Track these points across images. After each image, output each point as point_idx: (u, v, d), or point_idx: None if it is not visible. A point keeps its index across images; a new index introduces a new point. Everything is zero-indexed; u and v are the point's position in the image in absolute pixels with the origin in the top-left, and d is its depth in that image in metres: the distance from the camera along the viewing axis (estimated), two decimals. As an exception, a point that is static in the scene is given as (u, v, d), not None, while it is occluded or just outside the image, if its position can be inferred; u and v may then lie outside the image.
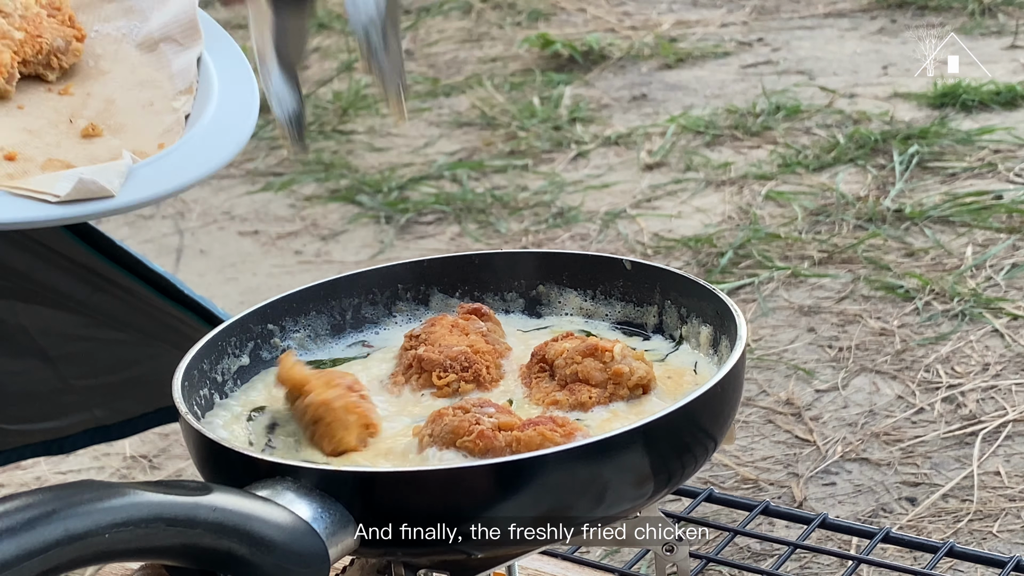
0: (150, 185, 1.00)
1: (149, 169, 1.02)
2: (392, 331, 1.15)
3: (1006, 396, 2.26)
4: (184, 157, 1.05)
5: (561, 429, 0.94)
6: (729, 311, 1.03)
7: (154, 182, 1.00)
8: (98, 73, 1.13)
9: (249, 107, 1.12)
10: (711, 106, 3.64)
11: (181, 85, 1.12)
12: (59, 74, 1.11)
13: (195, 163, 1.04)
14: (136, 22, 1.16)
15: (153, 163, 1.03)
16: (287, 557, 0.83)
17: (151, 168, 1.02)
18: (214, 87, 1.11)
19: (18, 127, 1.06)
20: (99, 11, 1.17)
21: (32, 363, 1.61)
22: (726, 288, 2.63)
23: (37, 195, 0.95)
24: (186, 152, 1.05)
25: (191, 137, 1.06)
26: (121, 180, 0.98)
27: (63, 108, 1.09)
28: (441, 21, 4.55)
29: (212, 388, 1.06)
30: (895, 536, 1.30)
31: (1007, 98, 3.42)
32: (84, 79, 1.12)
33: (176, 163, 1.04)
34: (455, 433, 0.94)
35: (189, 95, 1.11)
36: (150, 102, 1.11)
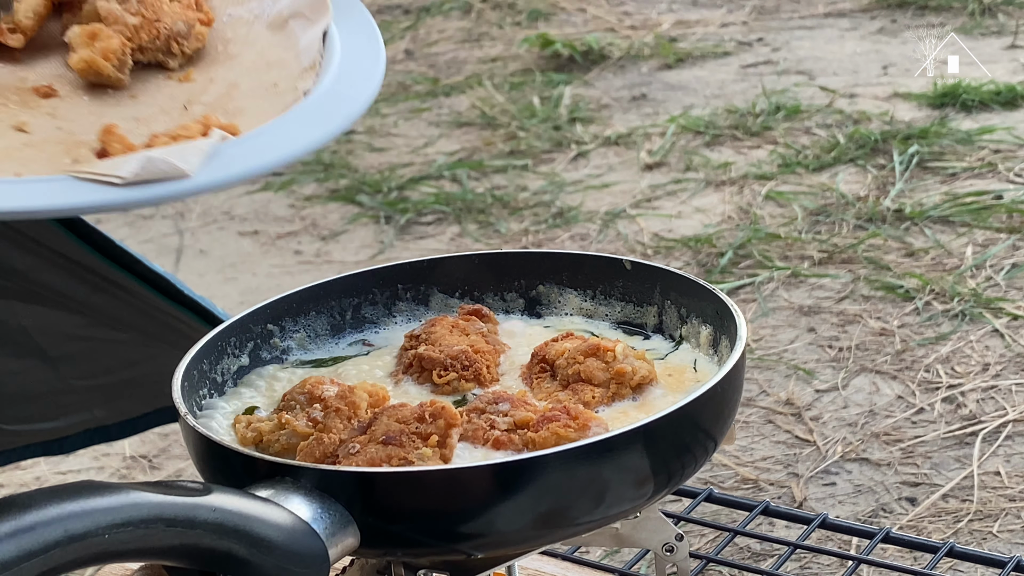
0: (235, 164, 0.92)
1: (238, 148, 0.94)
2: (392, 331, 1.15)
3: (1006, 396, 2.26)
4: (278, 135, 0.97)
5: (575, 422, 0.94)
6: (729, 311, 1.03)
7: (240, 161, 0.93)
8: (226, 58, 1.07)
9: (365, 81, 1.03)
10: (711, 106, 3.64)
11: (306, 62, 1.05)
12: (182, 60, 1.04)
13: (288, 141, 0.96)
14: (268, 1, 1.11)
15: (243, 141, 0.95)
16: (287, 557, 0.83)
17: (240, 147, 0.94)
18: (334, 62, 1.04)
19: (126, 115, 1.01)
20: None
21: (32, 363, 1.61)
22: (726, 288, 2.63)
23: (101, 178, 0.88)
24: (281, 129, 0.97)
25: (291, 114, 0.99)
26: (200, 159, 0.90)
27: (179, 94, 1.03)
28: (441, 21, 4.55)
29: (212, 388, 1.06)
30: (895, 536, 1.29)
31: (1007, 98, 3.42)
32: (210, 64, 1.05)
33: (268, 141, 0.96)
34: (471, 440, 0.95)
35: (312, 71, 1.04)
36: (274, 83, 1.05)
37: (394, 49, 4.34)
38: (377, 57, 1.06)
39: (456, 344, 1.06)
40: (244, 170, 0.92)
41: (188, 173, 0.89)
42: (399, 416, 0.94)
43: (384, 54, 1.06)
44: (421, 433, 0.92)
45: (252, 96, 1.02)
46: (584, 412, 0.95)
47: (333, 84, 1.00)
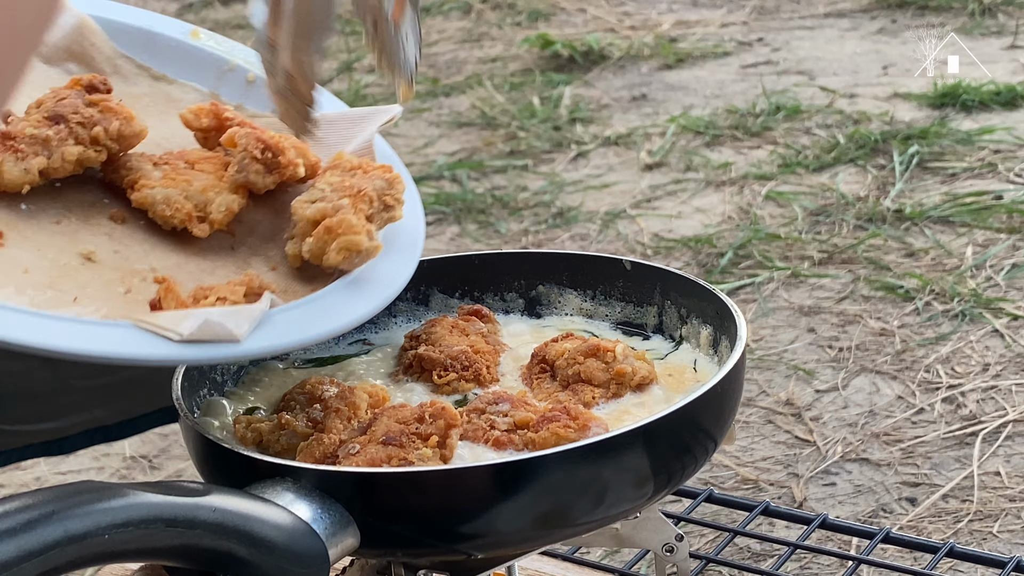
0: (279, 334, 0.95)
1: (284, 315, 0.96)
2: (392, 331, 1.15)
3: (1006, 396, 2.26)
4: (325, 306, 0.99)
5: (575, 423, 0.94)
6: (729, 311, 1.03)
7: (284, 331, 0.95)
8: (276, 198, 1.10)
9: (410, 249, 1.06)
10: (711, 106, 3.64)
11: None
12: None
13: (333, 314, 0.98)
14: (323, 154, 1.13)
15: (290, 309, 0.97)
16: (287, 558, 0.83)
17: (287, 314, 0.97)
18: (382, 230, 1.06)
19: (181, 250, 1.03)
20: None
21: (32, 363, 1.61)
22: (726, 288, 2.63)
23: (161, 331, 0.91)
24: (328, 301, 0.99)
25: (338, 286, 1.01)
26: (251, 325, 0.93)
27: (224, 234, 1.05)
28: (441, 21, 4.55)
29: (212, 388, 1.06)
30: (895, 536, 1.29)
31: (1007, 98, 3.42)
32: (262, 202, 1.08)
33: (314, 312, 0.98)
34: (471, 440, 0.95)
35: None
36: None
37: (394, 49, 4.34)
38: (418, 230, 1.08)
39: (456, 344, 1.06)
40: (290, 341, 0.95)
41: (239, 338, 0.92)
42: (399, 416, 0.94)
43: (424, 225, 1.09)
44: (421, 433, 0.92)
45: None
46: (584, 412, 0.95)
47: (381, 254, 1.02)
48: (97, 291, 0.96)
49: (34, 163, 1.00)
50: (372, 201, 1.01)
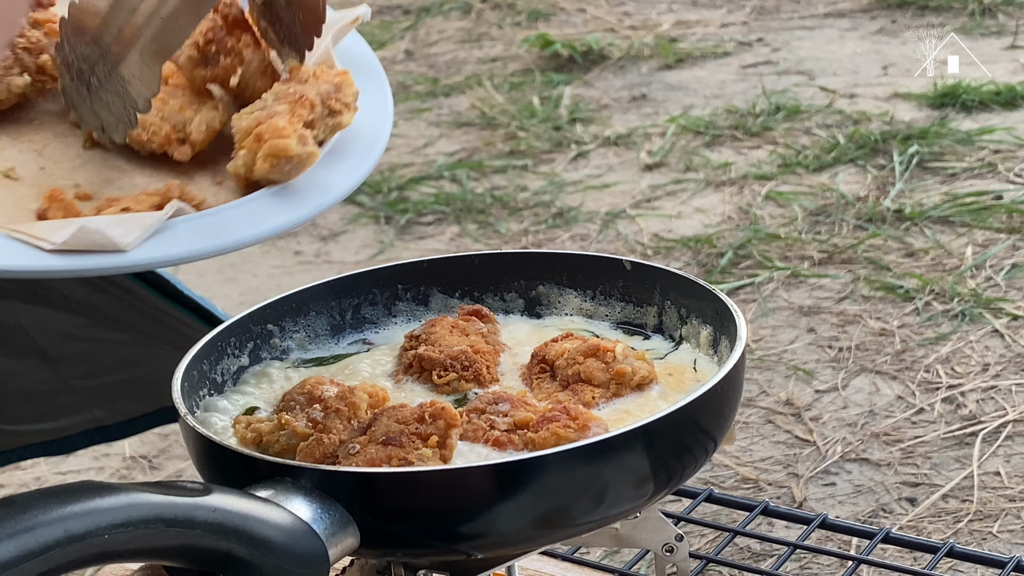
0: (174, 244, 0.86)
1: (189, 224, 0.88)
2: (392, 331, 1.15)
3: (1006, 396, 2.26)
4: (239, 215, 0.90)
5: (575, 423, 0.94)
6: (729, 311, 1.03)
7: (182, 241, 0.86)
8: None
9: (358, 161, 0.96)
10: (711, 106, 3.64)
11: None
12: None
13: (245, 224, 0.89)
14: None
15: (198, 219, 0.89)
16: (287, 558, 0.83)
17: (192, 223, 0.88)
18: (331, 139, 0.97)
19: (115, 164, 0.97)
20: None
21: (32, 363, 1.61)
22: (726, 288, 2.63)
23: (32, 240, 0.83)
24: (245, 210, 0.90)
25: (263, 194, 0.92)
26: (142, 233, 0.84)
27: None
28: (441, 21, 4.55)
29: (212, 388, 1.06)
30: (895, 536, 1.29)
31: (1007, 98, 3.42)
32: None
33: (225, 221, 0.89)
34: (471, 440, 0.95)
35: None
36: None
37: (394, 49, 4.34)
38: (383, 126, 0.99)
39: (456, 344, 1.06)
40: (186, 251, 0.87)
41: (123, 247, 0.84)
42: (399, 417, 0.94)
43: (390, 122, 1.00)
44: (421, 434, 0.92)
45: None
46: (584, 412, 0.95)
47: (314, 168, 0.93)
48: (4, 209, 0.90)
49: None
50: (313, 106, 0.92)
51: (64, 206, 0.89)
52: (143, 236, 0.85)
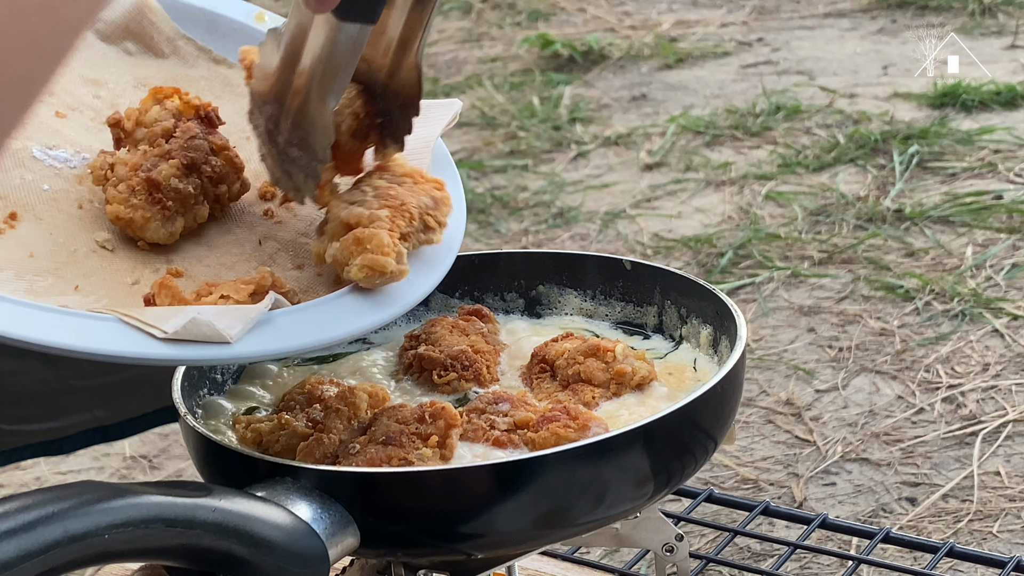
0: (274, 338, 0.89)
1: (286, 318, 0.90)
2: (392, 330, 1.15)
3: (1006, 396, 2.26)
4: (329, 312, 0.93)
5: (575, 423, 0.94)
6: (729, 311, 1.03)
7: (280, 335, 0.89)
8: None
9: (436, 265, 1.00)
10: (711, 106, 3.64)
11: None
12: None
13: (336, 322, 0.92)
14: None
15: (293, 313, 0.91)
16: (287, 558, 0.83)
17: (289, 318, 0.91)
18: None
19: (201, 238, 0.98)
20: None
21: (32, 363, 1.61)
22: (726, 288, 2.63)
23: (146, 327, 0.85)
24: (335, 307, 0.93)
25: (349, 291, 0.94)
26: (244, 326, 0.87)
27: (259, 227, 1.00)
28: (441, 21, 4.55)
29: (212, 388, 1.06)
30: (895, 536, 1.29)
31: (1007, 98, 3.42)
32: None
33: (317, 317, 0.92)
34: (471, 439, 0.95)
35: None
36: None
37: (394, 49, 4.34)
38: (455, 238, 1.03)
39: (456, 344, 1.06)
40: (285, 346, 0.90)
41: (229, 340, 0.87)
42: (399, 417, 0.94)
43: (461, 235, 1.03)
44: (421, 434, 0.92)
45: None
46: (584, 412, 0.95)
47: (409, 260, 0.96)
48: (102, 281, 0.93)
49: (178, 224, 0.97)
50: (412, 219, 0.95)
51: (172, 293, 0.91)
52: (246, 329, 0.88)
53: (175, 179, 0.97)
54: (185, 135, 0.99)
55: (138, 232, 0.96)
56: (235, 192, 1.01)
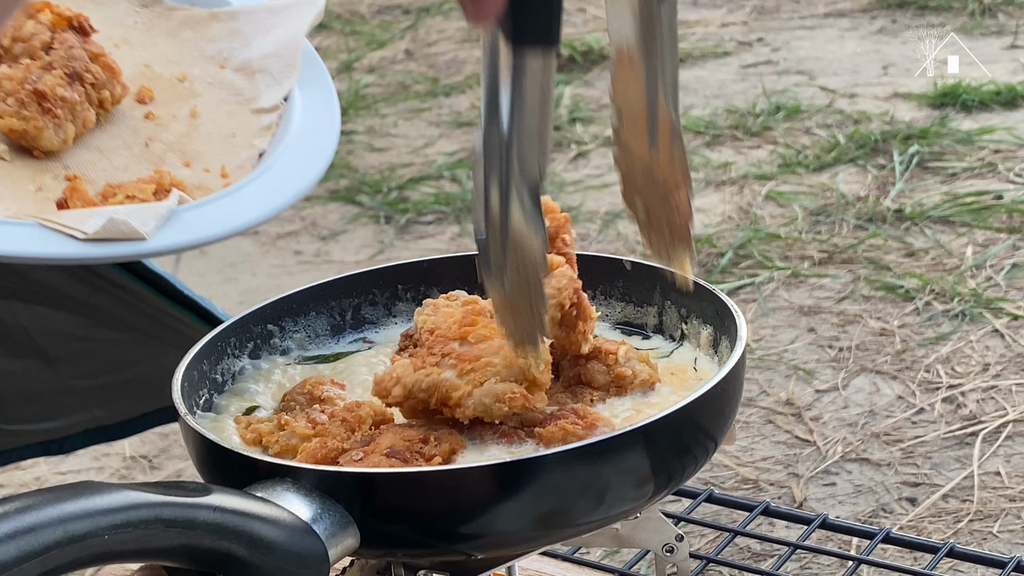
0: (188, 230, 0.97)
1: (193, 213, 0.99)
2: (392, 331, 1.15)
3: (1006, 396, 2.26)
4: (232, 204, 1.02)
5: (583, 421, 0.93)
6: (729, 311, 1.03)
7: (192, 228, 0.98)
8: (190, 95, 1.10)
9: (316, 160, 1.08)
10: (711, 106, 3.64)
11: (265, 121, 1.09)
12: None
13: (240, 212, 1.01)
14: (238, 45, 1.13)
15: (198, 207, 1.00)
16: (287, 558, 0.83)
17: (195, 212, 0.99)
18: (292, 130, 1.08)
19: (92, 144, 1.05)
20: (206, 30, 1.14)
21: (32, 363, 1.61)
22: (726, 288, 2.63)
23: (66, 230, 0.92)
24: (236, 199, 1.02)
25: (246, 184, 1.04)
26: (157, 223, 0.95)
27: (143, 130, 1.08)
28: (441, 21, 4.55)
29: (212, 388, 1.06)
30: (895, 536, 1.29)
31: (1007, 98, 3.42)
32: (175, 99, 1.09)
33: (222, 209, 1.01)
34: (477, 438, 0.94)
35: (269, 132, 1.09)
36: (232, 133, 1.10)
37: (394, 49, 4.34)
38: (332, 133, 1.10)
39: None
40: (195, 238, 0.98)
41: (144, 236, 0.94)
42: (405, 435, 0.93)
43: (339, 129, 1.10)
44: (425, 453, 0.92)
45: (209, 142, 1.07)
46: (592, 412, 0.95)
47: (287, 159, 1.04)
48: (6, 189, 0.98)
49: (69, 131, 1.03)
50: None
51: (82, 196, 0.97)
52: (159, 225, 0.95)
53: (60, 88, 1.05)
54: (64, 46, 1.05)
55: (32, 142, 1.03)
56: (116, 96, 1.08)
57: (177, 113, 1.09)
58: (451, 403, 0.93)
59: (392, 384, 0.94)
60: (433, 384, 0.93)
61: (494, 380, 0.93)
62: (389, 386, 0.94)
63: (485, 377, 0.93)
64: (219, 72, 1.12)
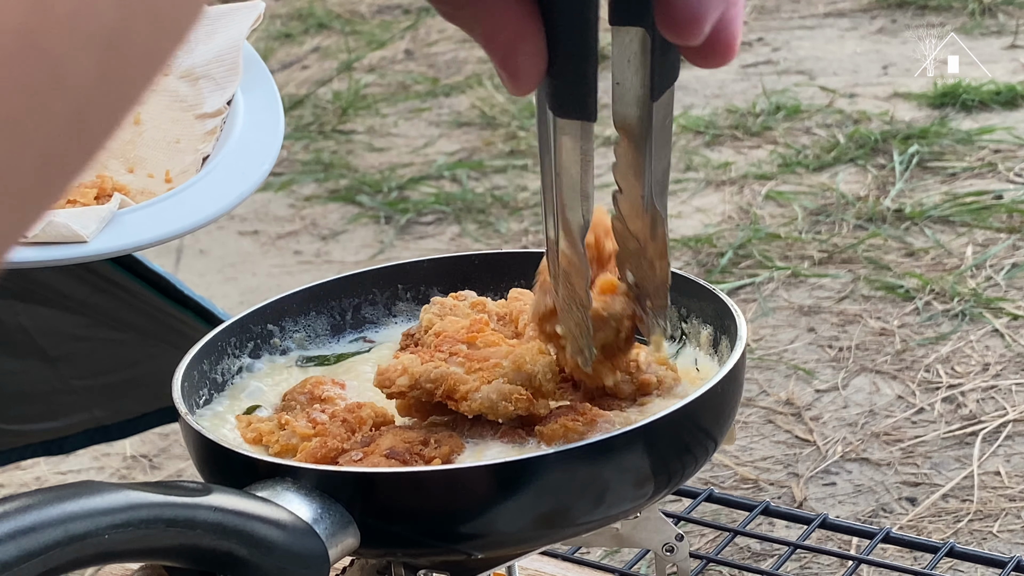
0: (129, 233, 0.98)
1: (134, 216, 1.00)
2: (392, 330, 1.15)
3: (1006, 396, 2.26)
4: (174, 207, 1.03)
5: (583, 418, 0.93)
6: (729, 311, 1.03)
7: (133, 231, 0.99)
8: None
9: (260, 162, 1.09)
10: (711, 106, 3.64)
11: (209, 126, 1.11)
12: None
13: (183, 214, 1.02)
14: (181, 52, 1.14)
15: (140, 210, 1.01)
16: (287, 558, 0.83)
17: (137, 215, 1.00)
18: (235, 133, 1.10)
19: None
20: None
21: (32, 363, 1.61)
22: (726, 288, 2.63)
23: None
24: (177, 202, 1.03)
25: (187, 187, 1.05)
26: (99, 226, 0.96)
27: None
28: (441, 21, 4.54)
29: (212, 388, 1.06)
30: (895, 536, 1.29)
31: (1007, 98, 3.42)
32: None
33: (164, 212, 1.02)
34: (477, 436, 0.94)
35: (212, 136, 1.10)
36: (176, 139, 1.11)
37: (394, 49, 4.34)
38: (275, 134, 1.11)
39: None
40: (136, 240, 0.98)
41: (85, 239, 0.94)
42: (405, 437, 0.93)
43: (282, 130, 1.11)
44: (424, 455, 0.92)
45: (153, 148, 1.08)
46: (592, 409, 0.95)
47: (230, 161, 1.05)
48: None
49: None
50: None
51: None
52: (100, 228, 0.95)
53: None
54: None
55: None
56: None
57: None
58: (457, 396, 0.92)
59: (397, 374, 0.94)
60: (441, 376, 0.93)
61: (502, 380, 0.93)
62: (394, 376, 0.94)
63: (493, 376, 0.93)
64: (163, 80, 1.13)
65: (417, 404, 0.95)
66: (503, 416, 0.92)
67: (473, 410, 0.92)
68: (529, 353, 0.95)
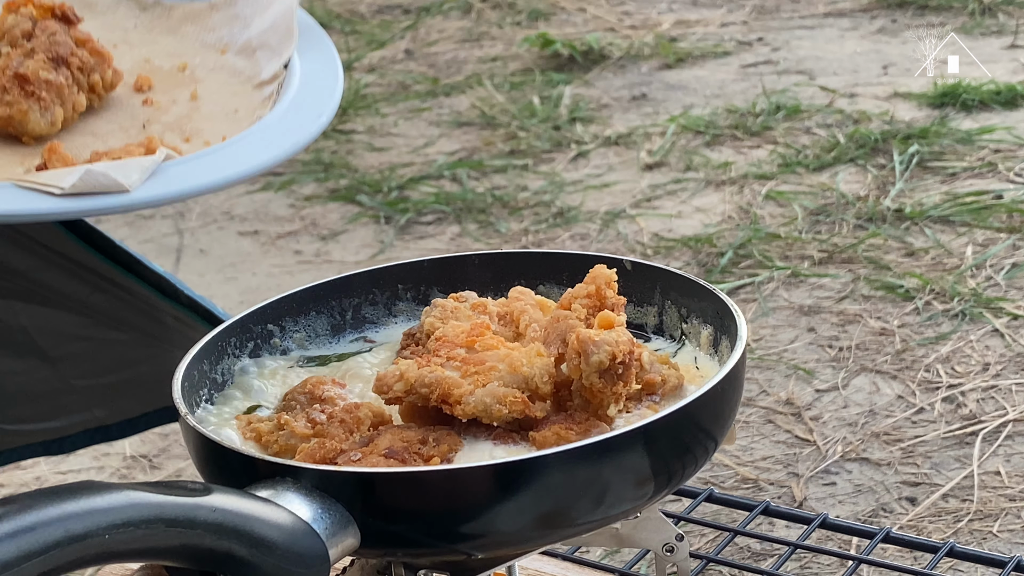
0: (173, 183, 0.96)
1: (181, 167, 0.98)
2: (392, 330, 1.15)
3: (1006, 396, 2.26)
4: (222, 157, 1.01)
5: (577, 428, 0.93)
6: (729, 311, 1.03)
7: (179, 180, 0.97)
8: (191, 81, 1.11)
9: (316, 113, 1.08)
10: (711, 106, 3.64)
11: (267, 92, 1.10)
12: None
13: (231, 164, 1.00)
14: (238, 29, 1.14)
15: (187, 161, 0.99)
16: (287, 558, 0.83)
17: (184, 166, 0.99)
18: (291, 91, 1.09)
19: (86, 131, 1.05)
20: (206, 22, 1.15)
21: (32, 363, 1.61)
22: (726, 288, 2.63)
23: (42, 187, 0.91)
24: (227, 153, 1.01)
25: (239, 140, 1.03)
26: (141, 176, 0.94)
27: (141, 114, 1.07)
28: (441, 21, 4.55)
29: (212, 388, 1.06)
30: (895, 536, 1.29)
31: (1007, 98, 3.42)
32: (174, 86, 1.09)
33: (211, 163, 1.00)
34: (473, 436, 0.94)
35: (271, 101, 1.10)
36: (235, 110, 1.10)
37: (394, 49, 4.34)
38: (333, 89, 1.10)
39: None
40: (183, 189, 0.97)
41: (127, 188, 0.93)
42: (403, 436, 0.93)
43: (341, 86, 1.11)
44: (423, 454, 0.92)
45: (211, 119, 1.08)
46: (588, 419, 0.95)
47: (284, 113, 1.04)
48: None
49: (57, 113, 1.02)
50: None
51: (62, 158, 0.97)
52: (143, 178, 0.94)
53: (44, 71, 1.03)
54: (45, 32, 1.05)
55: (18, 127, 1.02)
56: (108, 81, 1.06)
57: (177, 98, 1.09)
58: (451, 399, 0.92)
59: (394, 380, 0.94)
60: (436, 380, 0.93)
61: (497, 383, 0.93)
62: (391, 382, 0.94)
63: (488, 380, 0.93)
64: (220, 58, 1.13)
65: (416, 409, 0.95)
66: (497, 419, 0.92)
67: (467, 414, 0.92)
68: (525, 356, 0.95)
